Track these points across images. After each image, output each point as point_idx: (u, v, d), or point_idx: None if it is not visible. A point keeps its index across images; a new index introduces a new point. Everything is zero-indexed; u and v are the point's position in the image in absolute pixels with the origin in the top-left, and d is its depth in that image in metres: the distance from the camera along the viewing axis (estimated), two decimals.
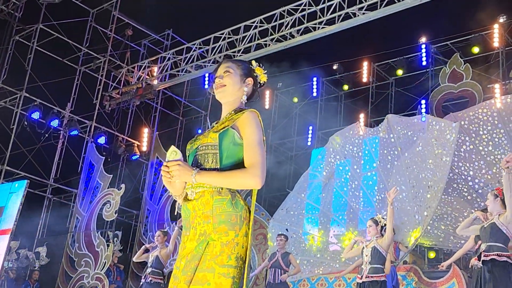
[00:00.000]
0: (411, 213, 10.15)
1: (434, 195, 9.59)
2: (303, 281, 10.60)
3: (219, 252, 2.51)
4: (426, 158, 10.03)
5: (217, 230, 2.55)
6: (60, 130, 15.24)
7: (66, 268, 13.33)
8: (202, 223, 2.59)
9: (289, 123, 16.51)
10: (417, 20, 14.06)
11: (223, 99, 2.83)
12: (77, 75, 15.82)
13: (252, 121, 2.65)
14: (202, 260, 2.51)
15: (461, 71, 12.51)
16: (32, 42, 14.81)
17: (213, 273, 2.47)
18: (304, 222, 11.87)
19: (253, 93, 2.88)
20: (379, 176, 11.39)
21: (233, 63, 2.86)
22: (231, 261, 2.51)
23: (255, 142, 2.62)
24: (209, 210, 2.58)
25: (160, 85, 15.20)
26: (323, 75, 16.07)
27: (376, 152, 11.48)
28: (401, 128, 10.87)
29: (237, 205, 2.60)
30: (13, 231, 12.30)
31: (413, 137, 10.59)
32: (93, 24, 16.05)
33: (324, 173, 12.01)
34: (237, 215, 2.58)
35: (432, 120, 10.21)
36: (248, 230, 2.60)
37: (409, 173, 10.37)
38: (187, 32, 15.75)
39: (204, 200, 2.60)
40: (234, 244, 2.54)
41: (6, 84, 14.50)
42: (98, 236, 13.05)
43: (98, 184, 13.74)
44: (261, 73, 2.89)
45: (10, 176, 14.08)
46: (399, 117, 11.45)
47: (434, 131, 9.94)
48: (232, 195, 2.60)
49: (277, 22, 12.31)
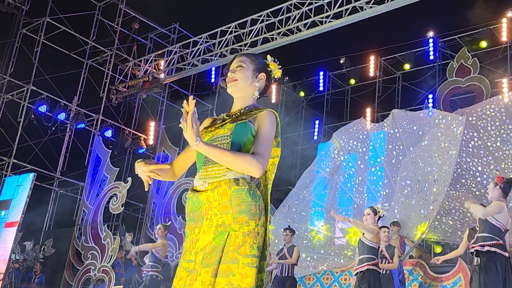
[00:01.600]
0: (416, 208, 10.14)
1: (441, 189, 9.57)
2: (309, 275, 10.62)
3: (241, 243, 2.49)
4: (432, 152, 10.00)
5: (237, 220, 2.53)
6: (67, 123, 15.28)
7: (73, 261, 13.39)
8: (219, 214, 2.57)
9: (295, 117, 16.50)
10: (425, 14, 14.03)
11: (234, 94, 2.82)
12: (84, 69, 15.84)
13: (269, 119, 2.67)
14: (225, 252, 2.48)
15: (469, 66, 12.45)
16: (39, 35, 14.83)
17: (237, 263, 2.46)
18: (308, 218, 11.87)
19: (266, 88, 2.88)
20: (384, 171, 11.37)
21: (247, 57, 2.85)
22: (254, 250, 2.50)
23: (267, 136, 2.64)
24: (227, 201, 2.56)
25: (167, 78, 15.21)
26: (330, 69, 16.05)
27: (381, 147, 11.44)
28: (407, 123, 10.83)
29: (255, 195, 2.59)
30: (20, 224, 12.38)
31: (419, 131, 10.55)
32: (100, 17, 16.05)
33: (327, 169, 12.00)
34: (256, 205, 2.57)
35: (438, 114, 10.18)
36: (266, 220, 2.60)
37: (414, 167, 10.35)
38: (193, 25, 15.75)
39: (221, 190, 2.57)
40: (255, 234, 2.53)
41: (13, 77, 14.55)
42: (105, 229, 13.10)
43: (104, 177, 13.77)
44: (275, 68, 2.88)
45: (17, 169, 14.14)
46: (404, 111, 11.40)
47: (441, 125, 9.91)
48: (249, 185, 2.60)
49: (284, 16, 12.28)
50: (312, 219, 11.84)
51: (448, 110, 11.62)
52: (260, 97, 2.85)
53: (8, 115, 14.42)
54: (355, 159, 11.88)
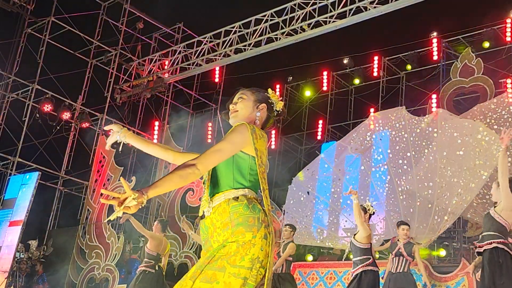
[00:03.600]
0: (430, 213, 9.99)
1: (461, 203, 9.47)
2: (312, 274, 10.64)
3: (233, 252, 2.50)
4: (464, 165, 9.70)
5: (234, 233, 2.54)
6: (72, 122, 15.34)
7: (77, 260, 13.44)
8: (222, 233, 2.58)
9: (299, 117, 16.52)
10: (429, 14, 14.02)
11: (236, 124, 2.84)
12: (89, 68, 15.90)
13: (235, 128, 2.68)
14: (214, 259, 2.50)
15: (473, 66, 12.44)
16: (44, 35, 14.89)
17: (223, 272, 2.45)
18: (313, 217, 11.86)
19: (268, 119, 2.90)
20: (389, 170, 11.24)
21: (247, 90, 2.91)
22: (244, 261, 2.48)
23: (217, 145, 2.63)
24: (227, 218, 2.58)
25: (171, 78, 15.25)
26: (334, 69, 16.05)
27: (386, 146, 11.31)
28: (448, 127, 10.24)
29: (255, 208, 2.60)
30: (24, 223, 12.42)
31: (458, 139, 10.00)
32: (105, 17, 16.11)
33: (334, 166, 11.99)
34: (255, 217, 2.57)
35: (483, 130, 9.67)
36: (268, 234, 2.57)
37: (441, 172, 10.04)
38: (198, 25, 15.78)
39: (220, 209, 2.61)
40: (251, 245, 2.52)
41: (18, 77, 14.61)
42: (109, 228, 13.14)
43: (109, 176, 13.83)
44: (276, 100, 2.91)
45: (21, 168, 14.20)
46: (450, 114, 10.71)
47: (482, 142, 9.52)
48: (249, 200, 2.62)
49: (288, 16, 12.29)
50: (315, 220, 11.83)
51: (452, 111, 11.59)
52: (263, 129, 2.86)
53: (13, 114, 14.48)
54: (360, 158, 11.84)
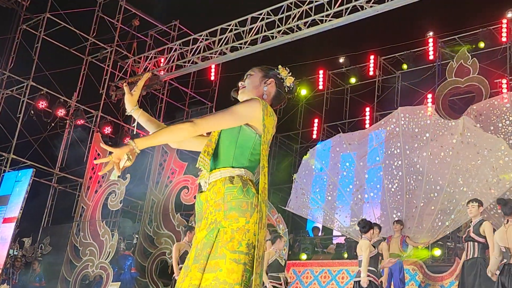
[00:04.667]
0: (431, 214, 10.00)
1: (465, 214, 9.47)
2: (306, 273, 10.64)
3: (229, 238, 2.52)
4: (476, 178, 9.64)
5: (227, 217, 2.56)
6: (67, 119, 15.28)
7: (71, 257, 13.40)
8: (213, 212, 2.61)
9: (294, 115, 16.52)
10: (425, 14, 14.02)
11: (243, 99, 2.85)
12: (84, 65, 15.84)
13: (245, 102, 2.72)
14: (214, 248, 2.52)
15: (468, 66, 12.46)
16: (39, 31, 14.83)
17: (224, 259, 2.48)
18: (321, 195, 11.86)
19: (278, 96, 2.89)
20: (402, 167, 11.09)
21: (256, 68, 2.94)
22: (242, 247, 2.51)
23: (221, 111, 2.68)
24: (220, 198, 2.61)
25: (167, 75, 15.21)
26: (330, 68, 16.06)
27: (406, 141, 11.13)
28: (469, 136, 10.02)
29: (249, 192, 2.61)
30: (18, 219, 12.39)
31: (477, 151, 9.83)
32: (100, 14, 16.04)
33: (328, 167, 11.99)
34: (248, 202, 2.59)
35: (505, 149, 9.50)
36: (260, 219, 2.59)
37: (452, 178, 9.99)
38: (194, 23, 15.74)
39: (216, 189, 2.64)
40: (245, 230, 2.55)
41: (13, 73, 14.54)
42: (103, 226, 13.11)
43: (103, 173, 13.79)
44: (286, 75, 2.91)
45: (16, 165, 14.14)
46: (475, 125, 10.33)
47: (500, 160, 9.40)
48: (244, 183, 2.63)
49: (284, 14, 12.27)
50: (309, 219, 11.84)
51: (447, 111, 11.62)
52: (273, 107, 2.84)
53: (7, 110, 14.42)
54: (354, 156, 11.84)
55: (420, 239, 9.95)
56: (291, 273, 10.76)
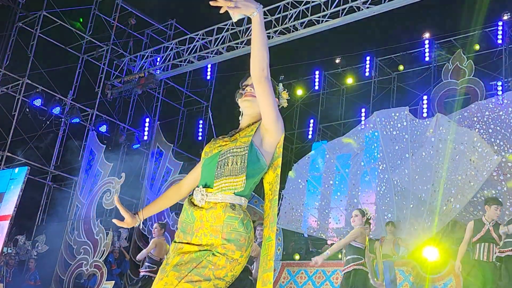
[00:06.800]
0: (422, 215, 10.02)
1: (450, 211, 9.51)
2: (300, 273, 10.64)
3: (221, 266, 2.52)
4: (457, 173, 9.70)
5: (225, 247, 2.54)
6: (62, 117, 15.25)
7: (65, 256, 13.36)
8: (209, 236, 2.56)
9: (290, 115, 16.53)
10: (421, 16, 14.06)
11: (247, 109, 2.79)
12: (80, 63, 15.81)
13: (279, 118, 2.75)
14: (202, 265, 2.50)
15: (464, 68, 12.49)
16: (35, 29, 14.79)
17: (208, 281, 2.49)
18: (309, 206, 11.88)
19: None
20: (387, 170, 11.13)
21: None
22: (227, 277, 2.55)
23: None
24: (219, 225, 2.55)
25: (162, 74, 15.20)
26: (326, 68, 16.08)
27: (386, 144, 11.20)
28: (445, 133, 10.01)
29: (248, 226, 2.59)
30: (13, 217, 12.34)
31: (453, 146, 9.86)
32: (97, 12, 16.02)
33: (323, 168, 12.00)
34: (246, 237, 2.58)
35: (478, 141, 9.56)
36: (250, 252, 2.66)
37: (437, 178, 10.00)
38: (190, 22, 15.73)
39: (215, 213, 2.56)
40: (237, 263, 2.57)
41: (9, 71, 14.50)
42: (98, 224, 13.08)
43: (98, 172, 13.75)
44: (284, 99, 2.93)
45: (11, 163, 14.10)
46: (448, 121, 10.29)
47: (476, 152, 9.48)
48: (244, 214, 2.60)
49: (281, 15, 12.28)
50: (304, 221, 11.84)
51: (443, 112, 11.62)
52: None
53: (2, 108, 14.37)
54: (349, 157, 11.84)
55: (413, 240, 9.97)
56: (285, 273, 10.76)
